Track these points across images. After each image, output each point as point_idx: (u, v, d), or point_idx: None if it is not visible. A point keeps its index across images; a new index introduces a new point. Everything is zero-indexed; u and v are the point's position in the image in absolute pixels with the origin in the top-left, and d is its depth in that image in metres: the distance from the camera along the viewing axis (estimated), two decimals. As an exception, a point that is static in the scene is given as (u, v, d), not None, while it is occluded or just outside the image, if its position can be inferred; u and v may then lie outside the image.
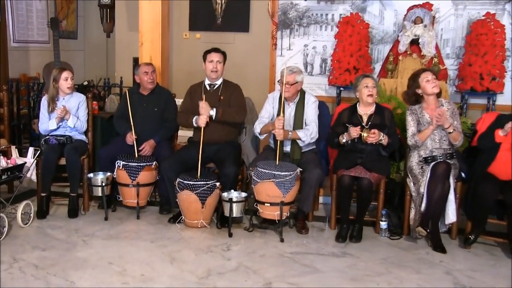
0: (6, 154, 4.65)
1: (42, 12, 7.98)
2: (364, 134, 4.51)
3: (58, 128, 5.06)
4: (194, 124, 4.95)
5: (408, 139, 4.65)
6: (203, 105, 4.86)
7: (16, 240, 4.36)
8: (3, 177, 4.42)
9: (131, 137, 5.07)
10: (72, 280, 3.68)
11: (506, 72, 5.91)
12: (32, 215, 4.74)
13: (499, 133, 4.36)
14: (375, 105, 4.74)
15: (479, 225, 4.44)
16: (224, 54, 5.06)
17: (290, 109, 4.91)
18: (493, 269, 4.11)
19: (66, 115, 5.00)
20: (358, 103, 4.80)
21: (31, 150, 4.81)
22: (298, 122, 4.86)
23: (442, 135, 4.56)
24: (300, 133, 4.78)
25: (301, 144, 4.82)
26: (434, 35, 5.99)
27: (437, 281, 3.85)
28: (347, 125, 4.65)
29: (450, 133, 4.48)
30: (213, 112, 4.87)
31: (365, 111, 4.74)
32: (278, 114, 4.77)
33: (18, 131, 6.16)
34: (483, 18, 5.92)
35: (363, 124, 4.65)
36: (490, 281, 3.88)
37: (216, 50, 5.03)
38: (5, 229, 4.36)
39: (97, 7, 8.50)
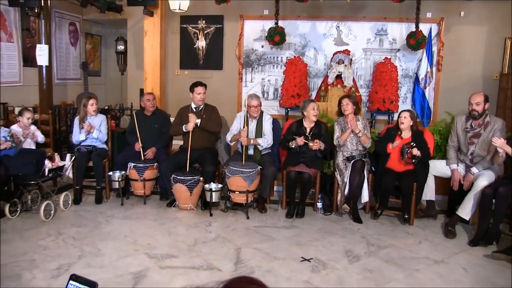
0: (51, 159, 4.57)
1: (76, 58, 7.94)
2: (310, 144, 4.56)
3: (86, 139, 4.99)
4: (184, 130, 4.91)
5: (334, 141, 4.73)
6: (192, 115, 4.84)
7: (60, 219, 4.32)
8: (49, 175, 4.44)
9: (138, 146, 5.00)
10: (99, 248, 3.66)
11: (399, 97, 6.04)
12: (70, 202, 4.71)
13: (390, 146, 4.45)
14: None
15: (383, 203, 4.53)
16: (205, 86, 5.02)
17: (253, 124, 4.91)
18: (392, 233, 4.20)
19: (91, 129, 4.95)
20: (304, 119, 4.83)
21: (68, 156, 4.78)
22: (258, 133, 4.87)
23: (358, 140, 4.64)
24: (259, 140, 4.80)
25: (260, 148, 4.82)
26: (351, 72, 6.06)
27: (356, 243, 3.91)
28: (294, 136, 4.68)
29: (359, 136, 4.58)
30: (198, 120, 4.86)
31: (308, 125, 4.78)
32: (244, 127, 4.79)
33: (59, 142, 6.03)
34: (383, 61, 6.03)
35: (306, 134, 4.70)
36: (390, 241, 3.98)
37: (200, 84, 4.97)
38: (52, 212, 4.36)
39: (114, 53, 8.52)
